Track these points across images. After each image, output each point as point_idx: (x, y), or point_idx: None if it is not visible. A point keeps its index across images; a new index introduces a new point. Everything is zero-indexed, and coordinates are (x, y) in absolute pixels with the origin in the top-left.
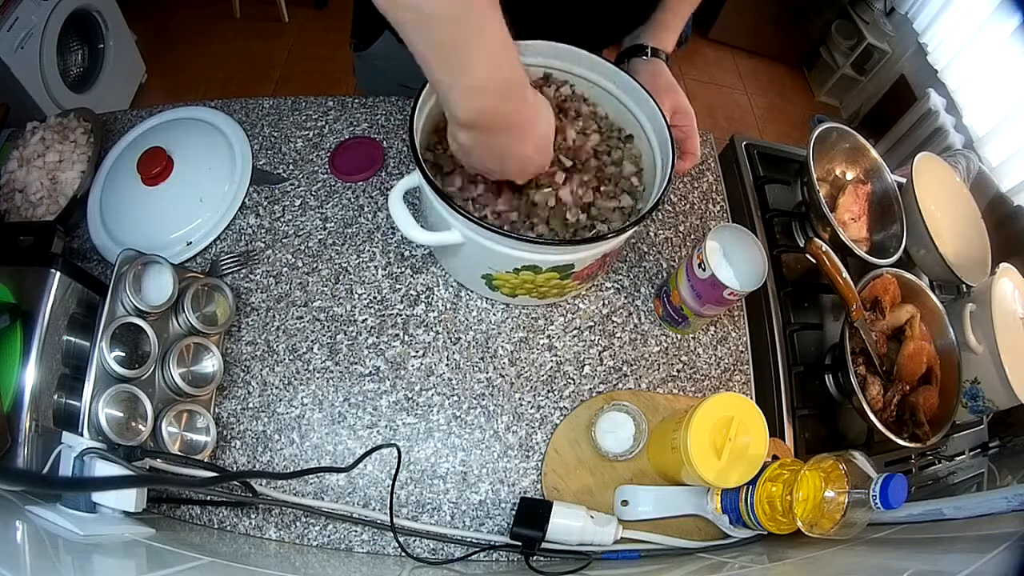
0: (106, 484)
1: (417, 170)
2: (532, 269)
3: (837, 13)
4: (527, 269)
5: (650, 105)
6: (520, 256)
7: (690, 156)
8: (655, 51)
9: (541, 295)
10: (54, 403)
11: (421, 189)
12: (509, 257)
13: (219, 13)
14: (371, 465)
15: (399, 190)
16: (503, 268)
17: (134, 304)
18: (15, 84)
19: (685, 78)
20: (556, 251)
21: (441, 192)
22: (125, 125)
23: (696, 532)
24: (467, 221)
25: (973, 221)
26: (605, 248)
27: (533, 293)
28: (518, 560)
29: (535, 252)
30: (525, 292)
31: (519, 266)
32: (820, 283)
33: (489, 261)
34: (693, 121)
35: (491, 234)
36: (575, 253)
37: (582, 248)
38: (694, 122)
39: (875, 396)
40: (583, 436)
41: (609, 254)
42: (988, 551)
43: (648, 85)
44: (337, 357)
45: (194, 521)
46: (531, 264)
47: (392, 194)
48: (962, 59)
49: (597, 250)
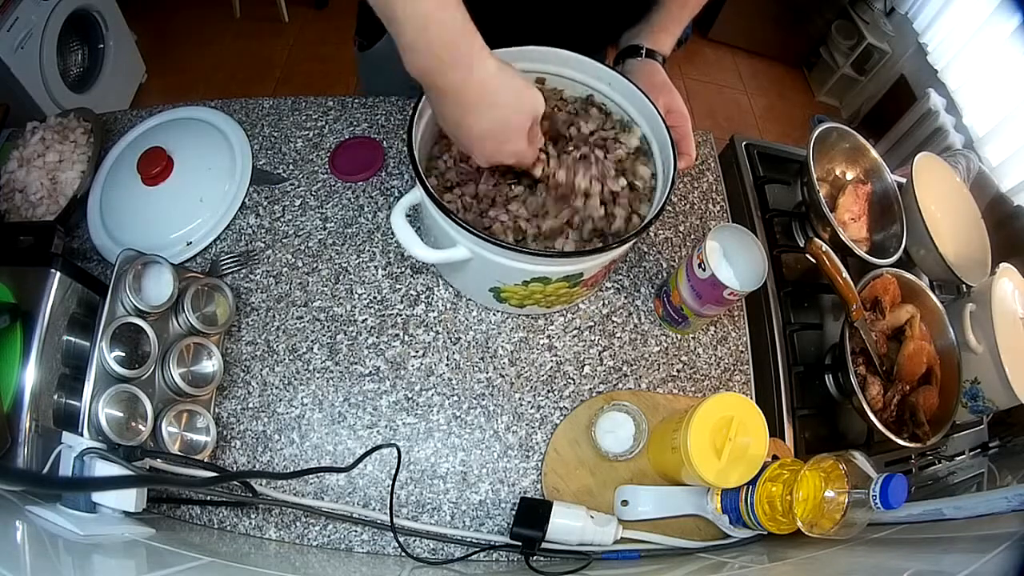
0: (106, 484)
1: (419, 186)
2: (542, 281)
3: (837, 13)
4: (536, 281)
5: (648, 108)
6: (530, 269)
7: (685, 157)
8: (650, 52)
9: (549, 304)
10: (54, 403)
11: (424, 205)
12: (518, 271)
13: (219, 13)
14: (371, 465)
15: (401, 208)
16: (512, 281)
17: (134, 304)
18: (15, 84)
19: (685, 78)
20: (566, 262)
21: (445, 208)
22: (125, 125)
23: (696, 532)
24: (474, 237)
25: (973, 221)
26: (613, 255)
27: (542, 303)
28: (518, 560)
29: (545, 264)
30: (534, 302)
31: (528, 279)
32: (820, 283)
33: (497, 275)
34: (688, 122)
35: (499, 249)
36: (585, 263)
37: (592, 257)
38: (689, 123)
39: (875, 396)
40: (583, 436)
41: (616, 259)
42: (988, 551)
43: (642, 85)
44: (337, 357)
45: (194, 521)
46: (541, 276)
47: (394, 213)
48: (962, 59)
49: (606, 258)
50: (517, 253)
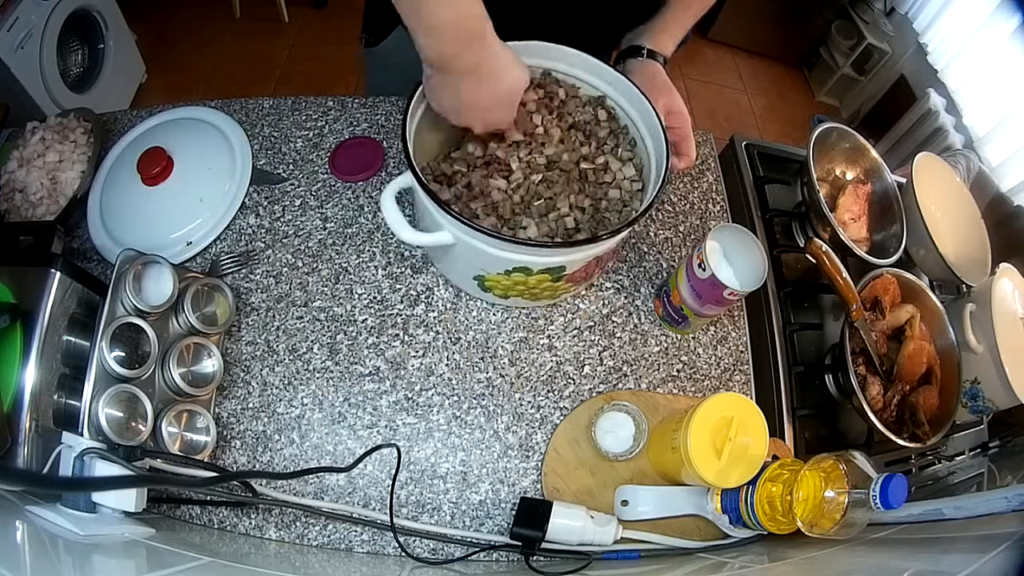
0: (106, 484)
1: (409, 171)
2: (523, 271)
3: (837, 13)
4: (518, 271)
5: (645, 107)
6: (511, 258)
7: (685, 158)
8: (652, 53)
9: (534, 296)
10: (54, 403)
11: (414, 190)
12: (500, 259)
13: (219, 13)
14: (371, 465)
15: (391, 190)
16: (494, 270)
17: (134, 304)
18: (15, 84)
19: (685, 78)
20: (546, 253)
21: (432, 193)
22: (125, 125)
23: (696, 532)
24: (457, 222)
25: (973, 221)
26: (597, 251)
27: (525, 295)
28: (518, 560)
29: (525, 254)
30: (517, 294)
31: (510, 268)
32: (820, 283)
33: (480, 262)
34: (688, 123)
35: (481, 235)
36: (566, 255)
37: (573, 250)
38: (689, 124)
39: (875, 396)
40: (583, 436)
41: (603, 257)
42: (988, 551)
43: (642, 86)
44: (337, 357)
45: (194, 521)
46: (522, 266)
47: (384, 194)
48: (962, 59)
49: (588, 252)
50: (497, 240)
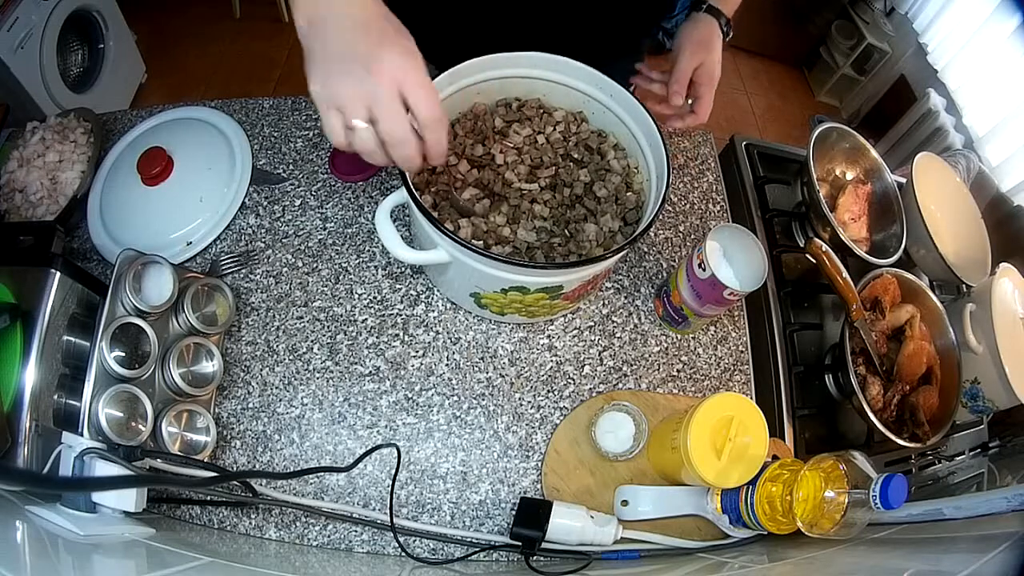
0: (106, 484)
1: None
2: (520, 290)
3: (837, 13)
4: (515, 290)
5: (645, 119)
6: (507, 277)
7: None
8: (712, 9)
9: (530, 314)
10: (54, 403)
11: (409, 207)
12: (496, 278)
13: (219, 13)
14: (371, 465)
15: (386, 207)
16: (490, 288)
17: (134, 304)
18: (15, 84)
19: None
20: (543, 273)
21: (426, 211)
22: (125, 125)
23: (696, 532)
24: (452, 242)
25: (973, 221)
26: (595, 270)
27: (522, 312)
28: (518, 560)
29: (521, 274)
30: (514, 311)
31: (507, 287)
32: (820, 283)
33: (476, 281)
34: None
35: (477, 255)
36: (563, 276)
37: (570, 271)
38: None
39: (875, 396)
40: (583, 436)
41: (599, 275)
42: (988, 551)
43: (684, 36)
44: (337, 357)
45: (194, 521)
46: (519, 285)
47: (379, 212)
48: (962, 59)
49: (585, 272)
50: (493, 260)
